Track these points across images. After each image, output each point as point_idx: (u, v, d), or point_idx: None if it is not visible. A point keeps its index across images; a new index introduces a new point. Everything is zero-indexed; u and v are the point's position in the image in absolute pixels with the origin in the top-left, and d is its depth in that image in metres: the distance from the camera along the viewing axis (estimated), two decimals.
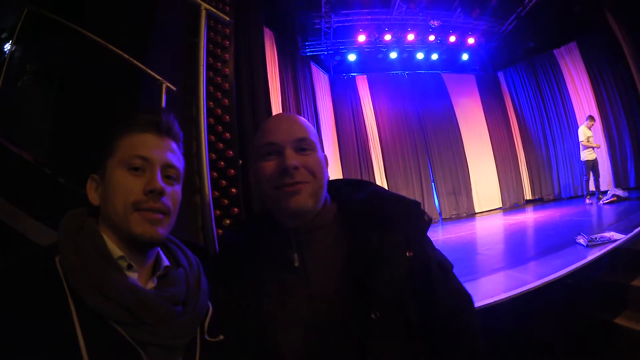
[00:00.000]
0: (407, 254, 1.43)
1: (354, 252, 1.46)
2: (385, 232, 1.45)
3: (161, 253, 1.44)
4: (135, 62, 4.22)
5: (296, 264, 1.48)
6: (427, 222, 1.54)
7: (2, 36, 6.69)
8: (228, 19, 3.30)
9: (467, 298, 1.58)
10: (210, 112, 5.27)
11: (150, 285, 1.34)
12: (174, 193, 1.38)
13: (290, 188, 1.45)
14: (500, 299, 4.22)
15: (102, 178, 1.35)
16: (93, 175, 1.38)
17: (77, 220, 1.32)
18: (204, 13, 2.89)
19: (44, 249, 1.25)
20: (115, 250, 1.27)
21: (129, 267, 1.28)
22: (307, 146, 1.52)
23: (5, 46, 6.70)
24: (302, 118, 1.62)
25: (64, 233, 1.26)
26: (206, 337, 1.36)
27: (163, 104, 4.12)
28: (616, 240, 5.46)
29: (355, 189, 1.67)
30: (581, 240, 5.80)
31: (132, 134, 1.35)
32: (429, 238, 1.57)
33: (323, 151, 1.63)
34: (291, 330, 1.41)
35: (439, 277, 1.49)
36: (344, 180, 1.78)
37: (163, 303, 1.24)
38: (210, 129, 5.20)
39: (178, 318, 1.26)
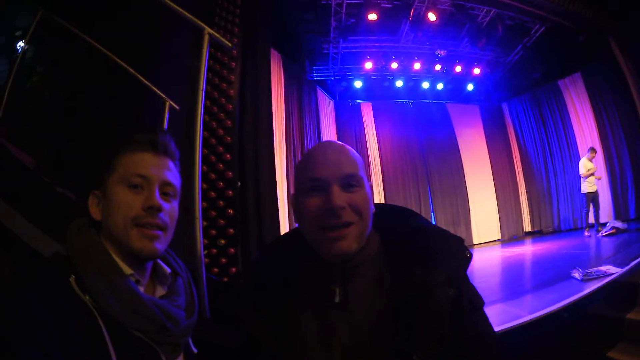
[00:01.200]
0: (449, 293, 1.35)
1: (398, 288, 1.40)
2: (429, 269, 1.38)
3: (160, 262, 1.52)
4: (140, 78, 4.26)
5: (337, 300, 1.42)
6: (468, 259, 1.47)
7: (17, 34, 6.76)
8: (230, 44, 3.33)
9: (492, 340, 1.49)
10: (212, 133, 5.31)
11: (160, 293, 1.48)
12: (171, 209, 1.45)
13: (335, 233, 1.37)
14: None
15: (103, 194, 1.40)
16: (94, 191, 1.44)
17: (84, 236, 1.37)
18: (206, 38, 2.91)
19: (53, 266, 1.31)
20: (124, 267, 1.35)
21: (137, 282, 1.38)
22: (356, 183, 1.43)
23: (19, 44, 6.78)
24: (351, 149, 1.53)
25: (76, 252, 1.31)
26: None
27: (165, 121, 4.15)
28: (612, 274, 5.47)
29: (399, 219, 1.60)
30: (576, 274, 5.81)
31: (131, 152, 1.42)
32: (467, 275, 1.49)
33: (370, 182, 1.54)
34: None
35: (469, 315, 1.40)
36: (387, 208, 1.67)
37: (178, 311, 1.41)
38: (212, 150, 5.23)
39: (185, 322, 1.42)
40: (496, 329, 4.13)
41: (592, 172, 11.04)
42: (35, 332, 1.05)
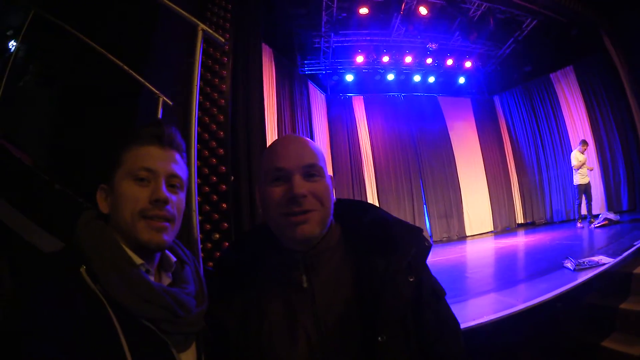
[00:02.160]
0: (410, 279, 1.45)
1: (361, 276, 1.48)
2: (391, 257, 1.47)
3: (166, 251, 1.53)
4: (134, 74, 4.26)
5: (305, 285, 1.50)
6: (427, 248, 1.56)
7: (8, 33, 6.73)
8: (223, 40, 3.33)
9: (454, 327, 1.59)
10: (205, 128, 5.31)
11: (166, 281, 1.50)
12: (178, 201, 1.47)
13: (297, 218, 1.46)
14: (487, 321, 4.25)
15: (111, 188, 1.43)
16: (102, 185, 1.46)
17: (94, 228, 1.39)
18: (200, 34, 2.92)
19: (63, 259, 1.33)
20: (134, 257, 1.37)
21: (147, 271, 1.40)
22: (316, 172, 1.52)
23: (10, 43, 6.75)
24: (311, 142, 1.63)
25: (86, 243, 1.33)
26: None
27: (159, 117, 4.16)
28: (604, 264, 5.50)
29: (359, 212, 1.68)
30: (569, 264, 5.85)
31: (137, 146, 1.44)
32: (426, 264, 1.57)
33: (329, 173, 1.63)
34: (296, 349, 1.43)
35: (430, 304, 1.51)
36: (347, 202, 1.77)
37: (188, 299, 1.41)
38: (205, 145, 5.24)
39: (195, 310, 1.42)
40: (489, 318, 4.20)
41: (583, 164, 11.09)
42: (47, 324, 1.07)
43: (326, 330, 1.44)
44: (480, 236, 15.08)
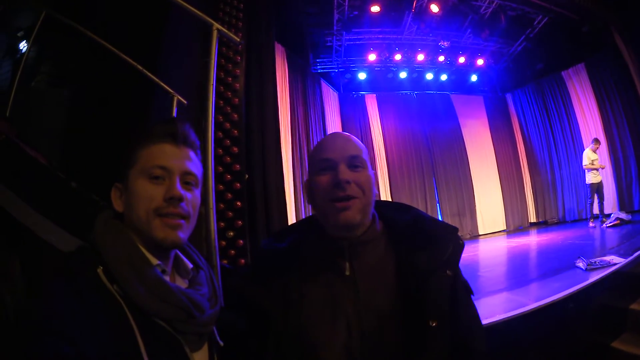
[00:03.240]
0: (448, 273, 1.53)
1: (403, 267, 1.56)
2: (432, 251, 1.55)
3: (181, 255, 1.56)
4: (148, 73, 4.28)
5: (347, 273, 1.56)
6: (461, 246, 1.62)
7: (19, 34, 6.77)
8: (238, 39, 3.35)
9: (480, 324, 1.68)
10: (219, 126, 5.32)
11: (182, 285, 1.50)
12: (193, 198, 1.47)
13: (341, 203, 1.54)
14: (498, 320, 4.25)
15: (125, 187, 1.43)
16: (117, 184, 1.46)
17: (111, 228, 1.40)
18: (215, 33, 2.93)
19: (80, 258, 1.34)
20: (151, 257, 1.39)
21: (163, 271, 1.42)
22: (359, 164, 1.60)
23: (21, 44, 6.79)
24: (355, 138, 1.71)
25: (104, 244, 1.34)
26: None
27: (174, 116, 4.18)
28: (615, 264, 5.48)
29: (399, 211, 1.78)
30: (580, 264, 5.82)
31: (151, 144, 1.44)
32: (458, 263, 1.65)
33: (373, 170, 1.70)
34: (336, 333, 1.48)
35: (462, 299, 1.59)
36: (388, 202, 1.87)
37: (202, 300, 1.43)
38: (219, 143, 5.26)
39: (209, 311, 1.44)
40: (501, 317, 4.20)
41: (595, 163, 11.02)
42: (64, 323, 1.08)
43: (367, 316, 1.49)
44: (492, 235, 15.00)
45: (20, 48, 6.79)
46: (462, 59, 14.85)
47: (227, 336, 1.57)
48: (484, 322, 4.18)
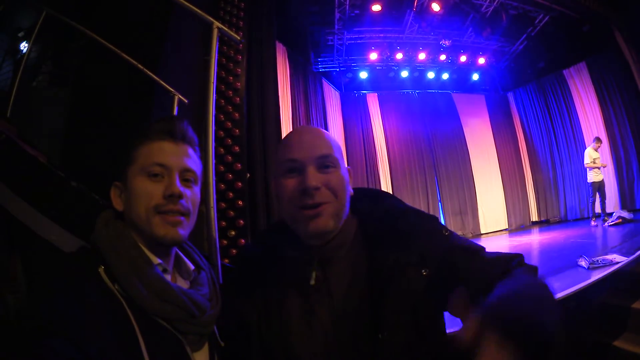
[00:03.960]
0: (423, 273, 1.40)
1: (371, 271, 1.46)
2: (402, 250, 1.44)
3: (182, 256, 1.56)
4: (148, 72, 4.28)
5: (312, 282, 1.48)
6: (446, 237, 1.51)
7: (19, 35, 6.78)
8: (239, 38, 3.34)
9: (493, 253, 1.52)
10: (220, 125, 5.33)
11: (183, 285, 1.50)
12: (192, 195, 1.47)
13: (311, 211, 1.43)
14: None
15: (125, 185, 1.43)
16: (116, 182, 1.46)
17: (112, 228, 1.40)
18: (215, 31, 2.92)
19: (81, 258, 1.34)
20: (152, 256, 1.39)
21: (164, 271, 1.41)
22: (330, 163, 1.49)
23: (22, 45, 6.80)
24: (325, 132, 1.59)
25: (105, 243, 1.34)
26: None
27: (174, 114, 4.18)
28: (618, 262, 5.48)
29: (373, 201, 1.66)
30: (582, 262, 5.82)
31: (149, 142, 1.43)
32: (453, 235, 1.55)
33: (346, 164, 1.61)
34: (313, 342, 1.44)
35: (465, 261, 1.43)
36: (361, 191, 1.70)
37: (203, 300, 1.42)
38: (220, 142, 5.26)
39: (210, 311, 1.43)
40: None
41: (596, 162, 11.02)
42: (65, 323, 1.07)
43: (341, 325, 1.43)
44: (494, 234, 15.01)
45: (21, 48, 6.81)
46: (463, 58, 14.87)
47: (228, 336, 1.56)
48: None
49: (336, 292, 1.47)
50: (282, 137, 6.63)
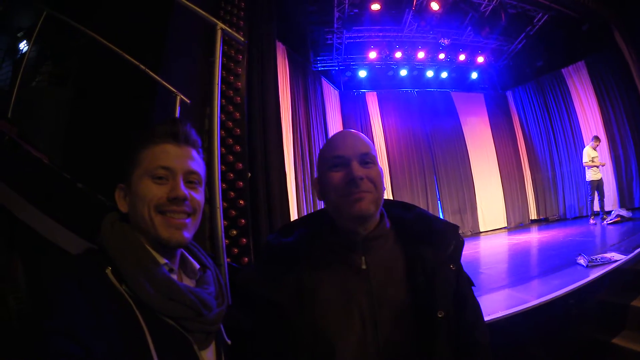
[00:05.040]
0: (452, 267, 1.61)
1: (411, 262, 1.63)
2: (437, 247, 1.63)
3: (188, 256, 1.59)
4: (150, 72, 4.28)
5: (364, 267, 1.61)
6: (462, 243, 1.71)
7: (19, 35, 6.78)
8: (243, 39, 3.36)
9: (482, 316, 1.74)
10: (221, 125, 5.33)
11: (189, 284, 1.53)
12: (197, 196, 1.50)
13: (356, 195, 1.58)
14: (500, 316, 4.27)
15: (129, 188, 1.45)
16: (120, 185, 1.48)
17: (118, 229, 1.42)
18: (219, 33, 2.93)
19: (88, 259, 1.36)
20: (158, 256, 1.41)
21: (171, 270, 1.44)
22: (370, 160, 1.65)
23: (22, 45, 6.80)
24: (363, 135, 1.75)
25: (111, 244, 1.37)
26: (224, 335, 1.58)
27: (177, 115, 4.18)
28: (616, 260, 5.50)
29: (403, 209, 1.85)
30: (581, 260, 5.85)
31: (153, 145, 1.46)
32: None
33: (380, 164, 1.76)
34: (350, 325, 1.53)
35: (466, 293, 1.66)
36: (394, 201, 1.94)
37: (210, 298, 1.46)
38: (221, 142, 5.27)
39: (216, 309, 1.47)
40: (503, 313, 4.23)
41: (595, 161, 11.04)
42: (74, 324, 1.09)
43: (380, 309, 1.54)
44: (493, 232, 15.03)
45: (21, 48, 6.80)
46: (462, 57, 14.91)
47: (234, 334, 1.59)
48: (486, 318, 4.20)
49: (374, 277, 1.60)
50: (283, 137, 6.63)
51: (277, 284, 1.61)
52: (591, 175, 11.07)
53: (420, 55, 14.48)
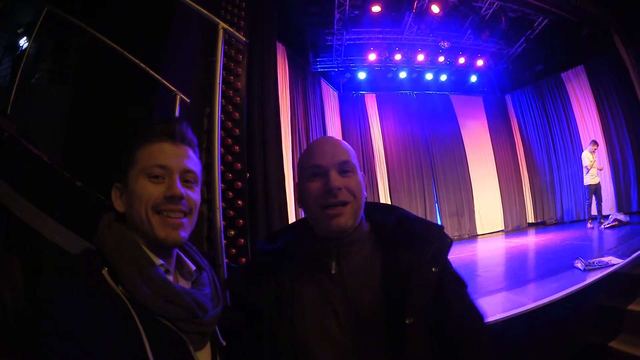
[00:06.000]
0: (433, 270, 1.56)
1: (388, 265, 1.62)
2: (415, 250, 1.59)
3: (184, 257, 1.59)
4: (150, 71, 4.28)
5: (333, 271, 1.61)
6: (449, 243, 1.67)
7: (19, 31, 6.76)
8: (244, 39, 3.35)
9: (479, 313, 1.69)
10: (221, 125, 5.34)
11: (185, 285, 1.53)
12: (193, 195, 1.50)
13: (333, 210, 1.58)
14: (497, 319, 4.28)
15: (126, 187, 1.45)
16: (117, 184, 1.48)
17: (115, 230, 1.42)
18: (221, 32, 2.92)
19: (84, 260, 1.36)
20: (154, 257, 1.41)
21: (167, 271, 1.43)
22: (349, 168, 1.65)
23: (21, 41, 6.78)
24: (344, 142, 1.75)
25: (108, 245, 1.37)
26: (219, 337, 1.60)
27: (176, 114, 4.18)
28: (614, 264, 5.51)
29: (385, 212, 1.83)
30: (578, 264, 5.86)
31: (149, 144, 1.46)
32: (448, 259, 1.69)
33: (362, 172, 1.75)
34: (326, 329, 1.54)
35: (457, 291, 1.64)
36: (374, 204, 1.91)
37: (205, 299, 1.46)
38: (221, 142, 5.27)
39: (212, 311, 1.47)
40: (500, 316, 4.22)
41: (593, 164, 11.06)
42: (72, 324, 1.10)
43: (355, 313, 1.55)
44: (491, 235, 15.03)
45: (21, 45, 6.78)
46: (462, 60, 14.91)
47: (229, 335, 1.61)
48: None
49: (350, 282, 1.60)
50: (282, 138, 6.65)
51: (259, 289, 1.62)
52: (589, 179, 11.10)
53: (420, 57, 14.47)
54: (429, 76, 15.66)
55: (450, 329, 1.54)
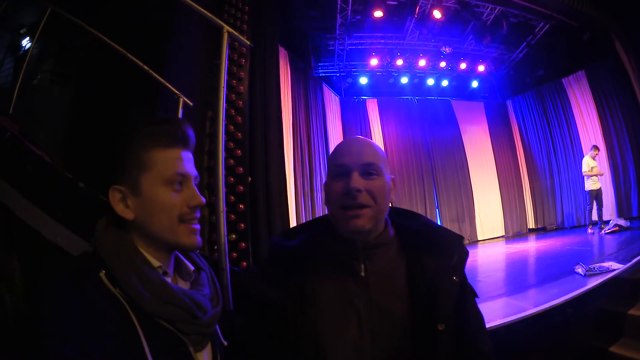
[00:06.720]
0: (454, 279, 1.57)
1: (413, 272, 1.61)
2: (440, 258, 1.60)
3: (182, 257, 1.58)
4: (153, 73, 4.28)
5: (362, 274, 1.59)
6: (466, 254, 1.67)
7: (22, 32, 6.76)
8: (249, 43, 3.34)
9: (485, 326, 1.72)
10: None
11: (184, 286, 1.52)
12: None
13: (352, 212, 1.56)
14: (498, 324, 4.28)
15: (134, 192, 1.39)
16: (116, 186, 1.39)
17: (112, 233, 1.40)
18: (225, 36, 2.91)
19: (82, 263, 1.35)
20: (152, 260, 1.40)
21: (165, 273, 1.44)
22: (374, 171, 1.61)
23: (24, 42, 6.77)
24: (373, 143, 1.73)
25: (105, 248, 1.35)
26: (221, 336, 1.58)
27: (180, 117, 4.17)
28: (614, 269, 5.52)
29: (407, 218, 1.82)
30: (579, 269, 5.87)
31: (163, 148, 1.41)
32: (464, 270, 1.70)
33: (392, 177, 1.74)
34: (347, 331, 1.52)
35: (473, 301, 1.67)
36: (399, 209, 1.89)
37: (204, 300, 1.45)
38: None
39: (211, 311, 1.47)
40: (501, 321, 4.23)
41: (594, 170, 11.06)
42: (69, 325, 1.10)
43: (378, 316, 1.53)
44: (491, 241, 15.03)
45: (24, 45, 6.78)
46: (463, 65, 14.92)
47: (231, 335, 1.60)
48: None
49: (374, 285, 1.58)
50: (284, 142, 6.67)
51: (280, 285, 1.60)
52: (590, 184, 11.08)
53: (422, 63, 14.48)
54: (430, 82, 15.68)
55: (468, 335, 1.55)
